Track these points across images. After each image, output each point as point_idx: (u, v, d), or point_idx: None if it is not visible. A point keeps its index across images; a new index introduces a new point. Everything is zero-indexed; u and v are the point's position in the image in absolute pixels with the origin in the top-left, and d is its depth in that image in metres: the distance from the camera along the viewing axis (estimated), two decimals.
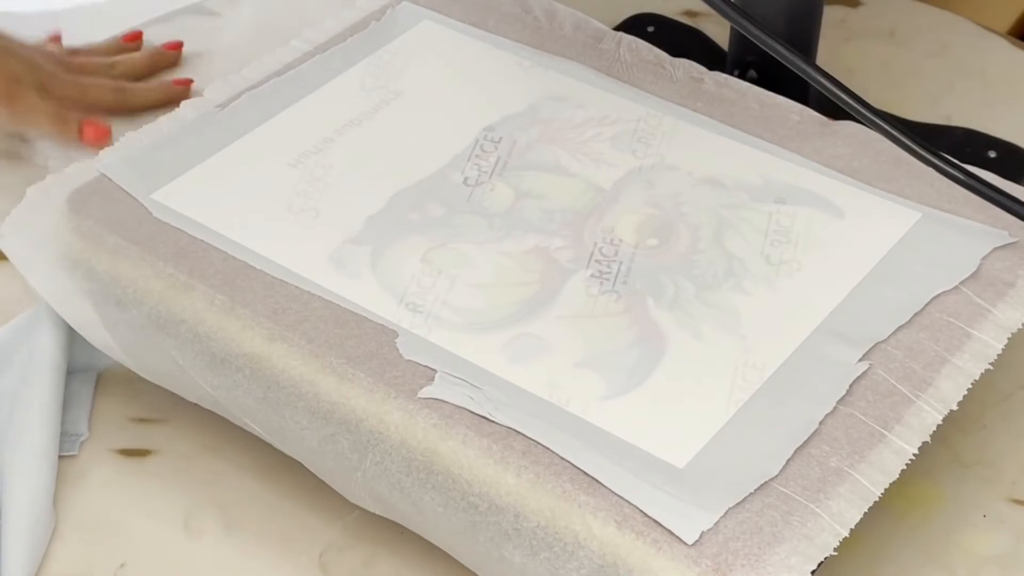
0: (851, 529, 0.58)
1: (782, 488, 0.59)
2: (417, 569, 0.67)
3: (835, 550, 0.57)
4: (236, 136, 0.77)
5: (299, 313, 0.67)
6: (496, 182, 0.74)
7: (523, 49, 0.83)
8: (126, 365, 0.73)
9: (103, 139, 0.85)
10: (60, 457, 0.72)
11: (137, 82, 0.93)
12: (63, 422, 0.73)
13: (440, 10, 0.86)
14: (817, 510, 0.58)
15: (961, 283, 0.68)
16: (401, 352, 0.64)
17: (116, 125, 0.87)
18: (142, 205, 0.73)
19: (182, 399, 0.72)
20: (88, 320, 0.72)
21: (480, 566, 0.64)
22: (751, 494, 0.59)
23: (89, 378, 0.76)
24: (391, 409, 0.63)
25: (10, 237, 0.73)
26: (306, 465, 0.68)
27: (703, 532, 0.57)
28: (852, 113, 0.68)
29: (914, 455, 0.61)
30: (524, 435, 0.61)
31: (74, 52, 0.92)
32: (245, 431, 0.70)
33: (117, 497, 0.71)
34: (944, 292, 0.67)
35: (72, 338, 0.74)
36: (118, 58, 0.94)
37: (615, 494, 0.58)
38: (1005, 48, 0.99)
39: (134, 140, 0.77)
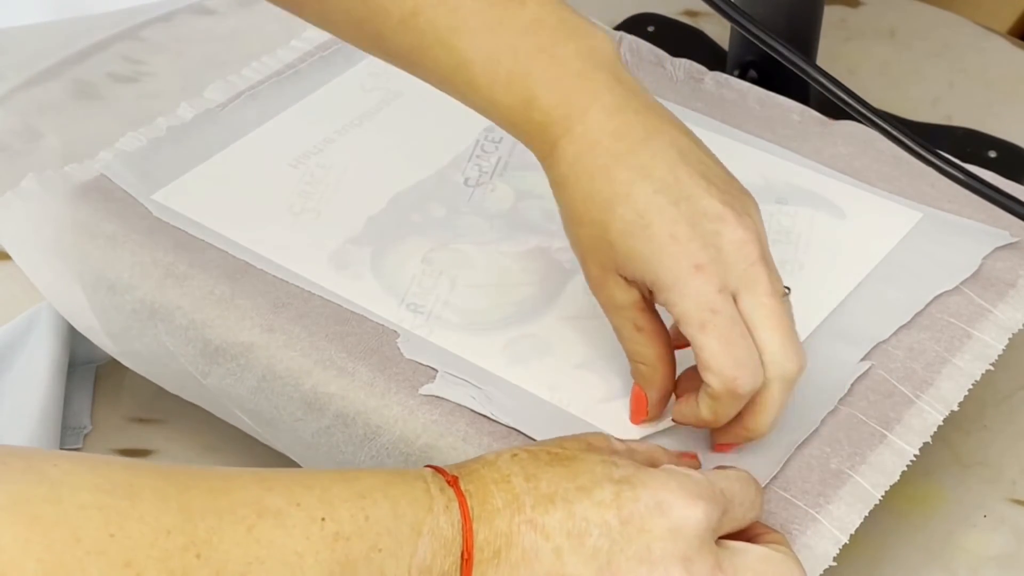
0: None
1: (783, 492, 0.59)
2: None
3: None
4: (236, 136, 0.77)
5: (299, 309, 0.67)
6: (497, 182, 0.74)
7: None
8: (106, 350, 0.72)
9: None
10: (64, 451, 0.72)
11: None
12: (65, 416, 0.73)
13: None
14: (817, 516, 0.58)
15: (962, 283, 0.68)
16: (402, 352, 0.64)
17: (115, 125, 0.87)
18: (142, 206, 0.73)
19: (182, 399, 0.72)
20: (76, 304, 0.71)
21: None
22: None
23: (89, 372, 0.76)
24: (391, 404, 0.63)
25: (3, 215, 0.73)
26: (295, 459, 0.67)
27: None
28: (852, 113, 0.68)
29: (915, 455, 0.61)
30: (524, 434, 0.61)
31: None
32: (246, 431, 0.69)
33: None
34: (945, 292, 0.67)
35: (72, 335, 0.74)
36: None
37: None
38: (1005, 48, 0.99)
39: (134, 140, 0.77)
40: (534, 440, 0.60)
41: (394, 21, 0.59)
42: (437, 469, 0.53)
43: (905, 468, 0.60)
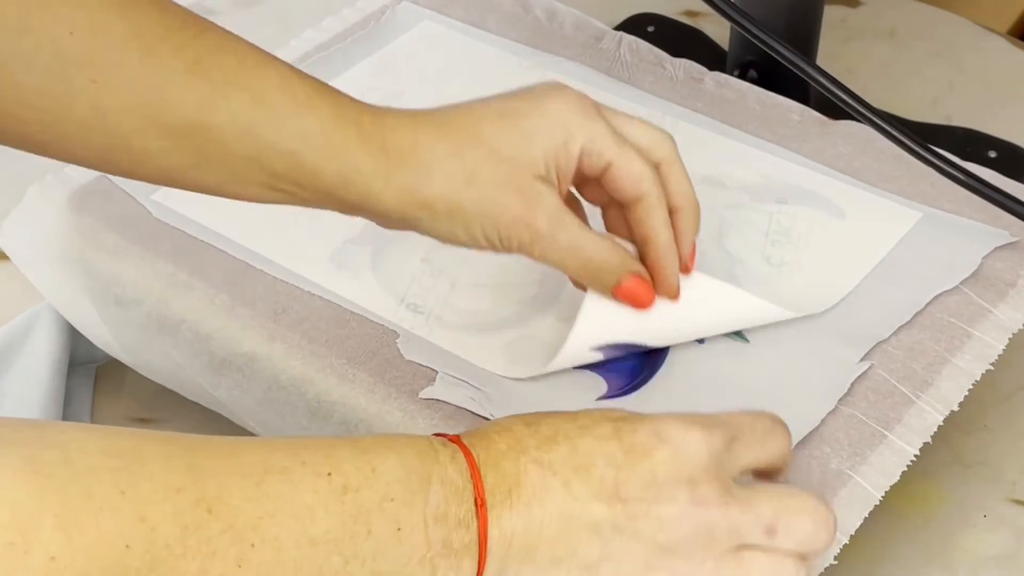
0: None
1: None
2: None
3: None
4: None
5: (299, 313, 0.67)
6: None
7: (523, 49, 0.83)
8: (125, 363, 0.73)
9: None
10: None
11: None
12: (65, 416, 0.73)
13: (440, 10, 0.86)
14: None
15: (962, 283, 0.68)
16: (402, 352, 0.64)
17: None
18: (142, 206, 0.73)
19: (182, 399, 0.72)
20: (88, 318, 0.72)
21: None
22: None
23: (89, 372, 0.76)
24: (392, 409, 0.63)
25: (11, 235, 0.73)
26: None
27: None
28: (852, 113, 0.68)
29: (915, 456, 0.61)
30: None
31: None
32: (247, 432, 0.69)
33: None
34: (945, 292, 0.67)
35: (72, 335, 0.74)
36: None
37: None
38: (1005, 48, 0.99)
39: None
40: None
41: (180, 76, 0.56)
42: (438, 434, 0.54)
43: (905, 468, 0.60)
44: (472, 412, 0.62)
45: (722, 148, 0.76)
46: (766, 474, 0.56)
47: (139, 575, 0.44)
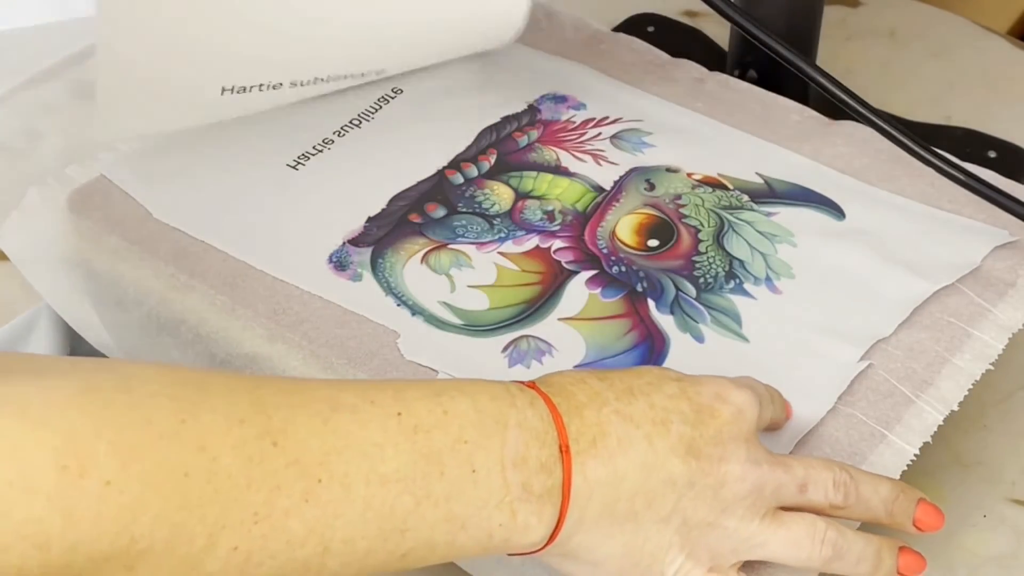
0: None
1: None
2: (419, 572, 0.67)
3: None
4: (236, 136, 0.77)
5: (299, 314, 0.67)
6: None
7: (523, 49, 0.83)
8: None
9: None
10: None
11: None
12: None
13: None
14: None
15: (962, 283, 0.68)
16: (402, 353, 0.65)
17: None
18: (142, 206, 0.73)
19: None
20: (88, 320, 0.72)
21: (478, 568, 0.64)
22: None
23: None
24: None
25: (11, 237, 0.73)
26: None
27: None
28: (852, 113, 0.68)
29: (915, 455, 0.61)
30: None
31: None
32: None
33: None
34: (945, 292, 0.67)
35: (72, 335, 0.74)
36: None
37: None
38: (1005, 48, 0.99)
39: (134, 141, 0.77)
40: None
41: None
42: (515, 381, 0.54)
43: (905, 468, 0.60)
44: None
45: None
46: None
47: (201, 504, 0.44)
